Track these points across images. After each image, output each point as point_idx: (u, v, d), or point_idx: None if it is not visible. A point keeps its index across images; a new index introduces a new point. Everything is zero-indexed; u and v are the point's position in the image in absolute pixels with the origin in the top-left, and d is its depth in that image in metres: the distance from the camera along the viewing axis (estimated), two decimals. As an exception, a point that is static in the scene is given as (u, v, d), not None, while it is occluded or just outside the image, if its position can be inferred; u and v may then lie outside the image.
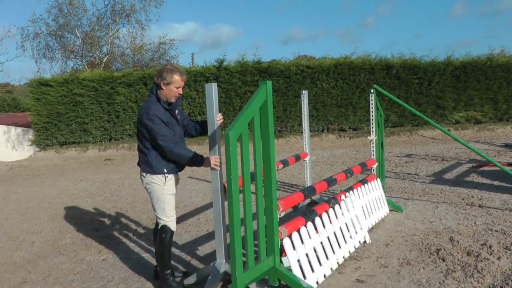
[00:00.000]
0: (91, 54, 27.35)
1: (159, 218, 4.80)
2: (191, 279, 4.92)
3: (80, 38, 26.72)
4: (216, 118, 4.58)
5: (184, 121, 5.14)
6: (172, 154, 4.58)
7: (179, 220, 7.62)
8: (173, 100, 4.70)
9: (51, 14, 26.43)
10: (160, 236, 4.79)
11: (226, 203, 4.06)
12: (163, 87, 4.62)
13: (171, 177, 4.77)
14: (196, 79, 19.16)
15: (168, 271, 4.84)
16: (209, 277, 4.61)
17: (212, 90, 4.46)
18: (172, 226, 4.81)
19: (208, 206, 8.63)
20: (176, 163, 4.77)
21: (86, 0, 25.99)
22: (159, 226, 4.82)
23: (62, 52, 27.28)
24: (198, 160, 4.66)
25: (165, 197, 4.75)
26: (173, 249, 5.91)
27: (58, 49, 27.24)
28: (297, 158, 7.90)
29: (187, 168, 13.61)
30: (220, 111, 19.08)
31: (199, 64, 32.89)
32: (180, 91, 4.72)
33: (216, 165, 4.56)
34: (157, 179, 4.71)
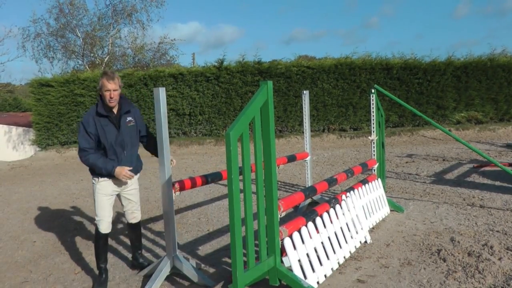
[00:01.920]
0: (92, 54, 27.37)
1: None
2: (145, 271, 5.33)
3: (81, 38, 26.75)
4: (164, 123, 4.82)
5: (141, 130, 5.24)
6: (85, 163, 4.86)
7: (180, 220, 7.62)
8: (110, 104, 4.81)
9: (52, 14, 26.47)
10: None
11: (166, 198, 4.10)
12: (100, 92, 4.87)
13: (104, 179, 4.96)
14: (197, 79, 19.17)
15: (102, 265, 5.16)
16: (155, 272, 4.97)
17: (160, 94, 4.78)
18: (101, 227, 5.04)
19: (209, 206, 8.64)
20: None
21: (87, 0, 25.95)
22: None
23: (63, 52, 27.30)
24: (109, 170, 4.80)
25: (97, 196, 4.98)
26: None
27: (59, 49, 27.26)
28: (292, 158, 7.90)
29: (187, 167, 13.67)
30: (220, 111, 19.14)
31: (200, 64, 32.91)
32: (112, 94, 4.78)
33: (126, 177, 4.85)
34: (94, 179, 5.00)
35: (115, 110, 4.93)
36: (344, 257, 5.32)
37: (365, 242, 5.94)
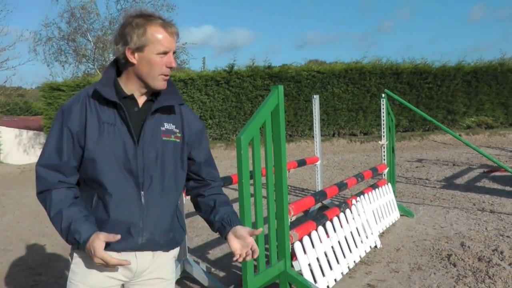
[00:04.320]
0: (103, 58, 27.48)
1: None
2: None
3: (92, 42, 26.86)
4: None
5: (195, 157, 2.45)
6: (42, 205, 2.18)
7: (190, 224, 7.63)
8: (159, 83, 2.19)
9: (64, 18, 26.62)
10: None
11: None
12: (132, 58, 2.15)
13: (81, 255, 2.21)
14: (207, 83, 19.23)
15: None
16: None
17: None
18: None
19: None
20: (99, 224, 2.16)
21: (98, 5, 26.05)
22: None
23: (74, 56, 27.43)
24: (78, 239, 2.07)
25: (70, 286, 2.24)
26: (184, 253, 5.94)
27: (70, 53, 27.40)
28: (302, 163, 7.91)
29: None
30: (231, 115, 19.17)
31: (210, 68, 32.99)
32: (172, 60, 2.20)
33: (107, 263, 2.04)
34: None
35: (140, 99, 2.26)
36: (354, 261, 5.32)
37: (375, 246, 5.94)
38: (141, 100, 2.25)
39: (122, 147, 2.15)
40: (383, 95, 7.31)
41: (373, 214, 6.35)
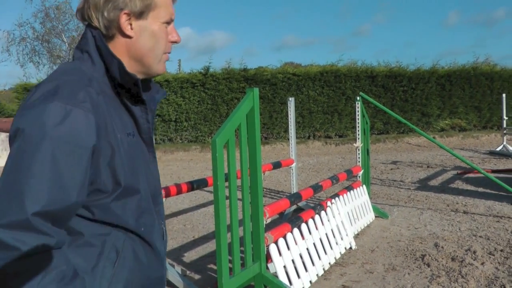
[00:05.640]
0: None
1: None
2: None
3: (66, 43, 26.61)
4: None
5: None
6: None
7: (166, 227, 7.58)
8: (161, 66, 1.60)
9: (38, 18, 26.32)
10: None
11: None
12: (128, 29, 1.51)
13: None
14: (183, 85, 19.17)
15: None
16: None
17: None
18: None
19: (194, 212, 8.63)
20: None
21: (73, 5, 25.77)
22: None
23: (49, 57, 27.13)
24: None
25: None
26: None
27: (45, 54, 27.10)
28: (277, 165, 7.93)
29: (172, 174, 13.66)
30: (206, 117, 19.13)
31: (186, 71, 32.88)
32: (177, 32, 1.64)
33: None
34: None
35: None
36: (329, 263, 5.34)
37: (350, 248, 5.97)
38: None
39: (145, 159, 1.65)
40: (358, 98, 7.36)
41: (348, 216, 6.38)
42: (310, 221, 5.31)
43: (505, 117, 16.59)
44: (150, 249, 1.54)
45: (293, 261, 4.73)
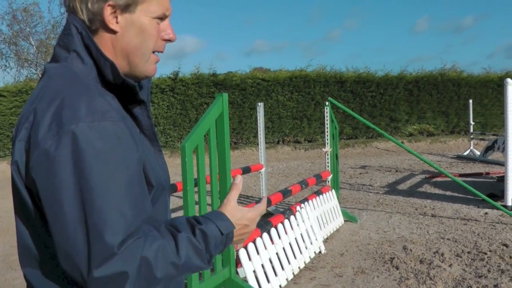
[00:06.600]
0: (45, 63, 26.87)
1: None
2: None
3: (34, 46, 26.23)
4: None
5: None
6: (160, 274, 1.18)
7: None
8: (150, 66, 1.43)
9: (5, 20, 25.91)
10: None
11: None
12: (113, 23, 1.33)
13: None
14: (152, 90, 19.04)
15: None
16: None
17: None
18: None
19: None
20: None
21: (42, 7, 25.51)
22: None
23: (16, 60, 26.72)
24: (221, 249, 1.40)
25: None
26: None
27: (12, 57, 26.68)
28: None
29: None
30: (176, 122, 19.03)
31: (155, 76, 32.74)
32: (172, 29, 1.45)
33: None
34: None
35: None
36: (299, 267, 5.36)
37: (320, 252, 6.00)
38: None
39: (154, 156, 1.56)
40: (327, 103, 7.41)
41: (317, 220, 6.41)
42: (280, 226, 5.32)
43: (472, 122, 16.94)
44: None
45: (262, 265, 4.73)
